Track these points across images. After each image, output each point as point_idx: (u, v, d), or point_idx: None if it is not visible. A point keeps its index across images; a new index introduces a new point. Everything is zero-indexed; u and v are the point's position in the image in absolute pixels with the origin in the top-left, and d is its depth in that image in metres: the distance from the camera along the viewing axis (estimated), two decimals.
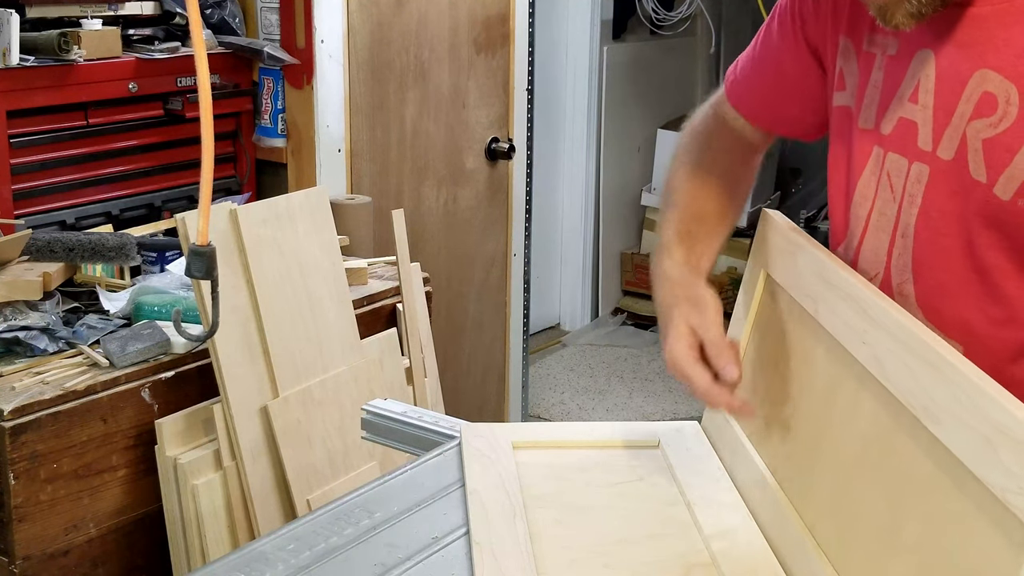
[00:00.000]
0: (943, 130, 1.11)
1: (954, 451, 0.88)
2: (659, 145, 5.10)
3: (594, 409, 4.25)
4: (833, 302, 1.13)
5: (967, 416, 0.87)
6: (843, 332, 1.09)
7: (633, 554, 1.16)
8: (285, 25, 2.70)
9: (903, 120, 1.16)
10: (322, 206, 2.17)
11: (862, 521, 1.01)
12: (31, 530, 1.81)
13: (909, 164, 1.15)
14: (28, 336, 1.93)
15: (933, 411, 0.92)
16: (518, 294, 3.52)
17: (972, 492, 0.86)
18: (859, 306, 1.07)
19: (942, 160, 1.11)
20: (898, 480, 0.97)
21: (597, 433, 1.45)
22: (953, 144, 1.10)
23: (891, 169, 1.18)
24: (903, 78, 1.16)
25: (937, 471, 0.91)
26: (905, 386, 0.96)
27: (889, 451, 0.99)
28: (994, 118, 1.06)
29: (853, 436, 1.06)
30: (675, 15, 4.97)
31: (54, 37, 2.26)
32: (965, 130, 1.09)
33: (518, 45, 3.31)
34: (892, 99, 1.17)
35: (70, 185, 2.40)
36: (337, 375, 2.13)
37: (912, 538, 0.93)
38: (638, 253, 5.16)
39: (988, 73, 1.07)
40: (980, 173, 1.08)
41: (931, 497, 0.91)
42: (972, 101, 1.08)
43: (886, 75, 1.18)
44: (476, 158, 3.27)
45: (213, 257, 1.33)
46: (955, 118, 1.10)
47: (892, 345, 1.00)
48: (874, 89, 1.20)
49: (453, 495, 1.30)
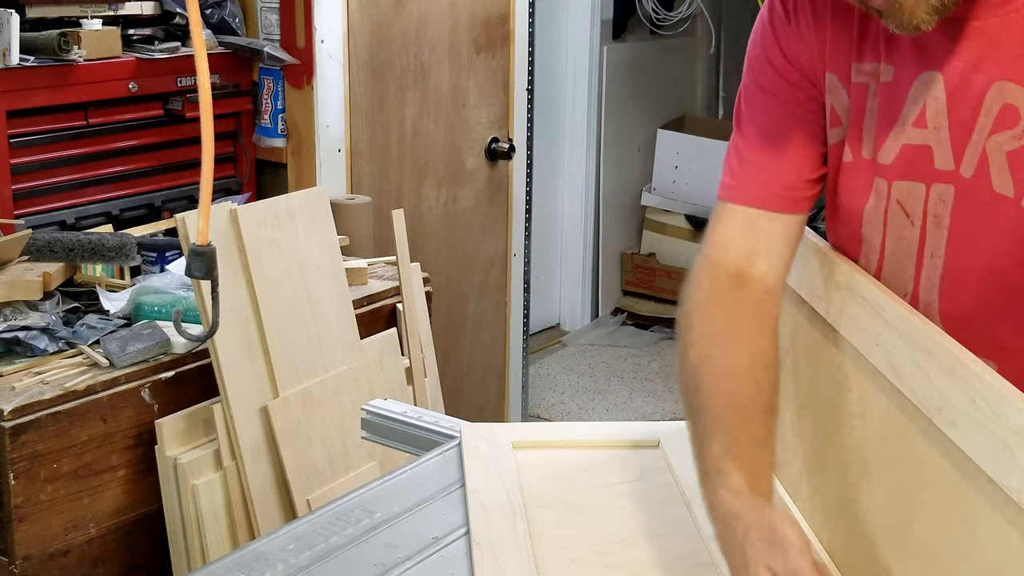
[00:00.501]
0: (964, 148, 1.08)
1: (969, 454, 0.88)
2: (659, 145, 5.11)
3: (594, 409, 4.25)
4: (846, 305, 1.12)
5: (983, 419, 0.87)
6: (856, 334, 1.09)
7: (633, 554, 1.16)
8: (285, 25, 2.70)
9: (908, 147, 1.13)
10: (322, 206, 2.17)
11: (871, 521, 1.01)
12: (31, 530, 1.80)
13: (928, 187, 1.12)
14: (28, 336, 1.93)
15: (948, 413, 0.91)
16: (518, 294, 3.52)
17: (987, 494, 0.86)
18: (873, 309, 1.07)
19: (964, 179, 1.09)
20: (909, 482, 0.97)
21: (597, 433, 1.46)
22: (973, 161, 1.08)
23: (901, 197, 1.15)
24: (903, 104, 1.12)
25: (950, 473, 0.91)
26: (919, 388, 0.96)
27: (901, 453, 0.99)
28: (1017, 130, 1.04)
29: (864, 438, 1.05)
30: (675, 15, 4.97)
31: (54, 37, 2.26)
32: (985, 145, 1.07)
33: (518, 45, 3.31)
34: (892, 127, 1.14)
35: (70, 185, 2.40)
36: (337, 375, 2.13)
37: (922, 539, 0.93)
38: (638, 253, 5.16)
39: (1006, 85, 1.05)
40: (1006, 187, 1.06)
41: (943, 499, 0.91)
42: (992, 115, 1.06)
43: (882, 103, 1.15)
44: (476, 158, 3.27)
45: (213, 257, 1.33)
46: (975, 134, 1.07)
47: (906, 347, 1.00)
48: (871, 119, 1.16)
49: (453, 495, 1.30)
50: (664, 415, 4.16)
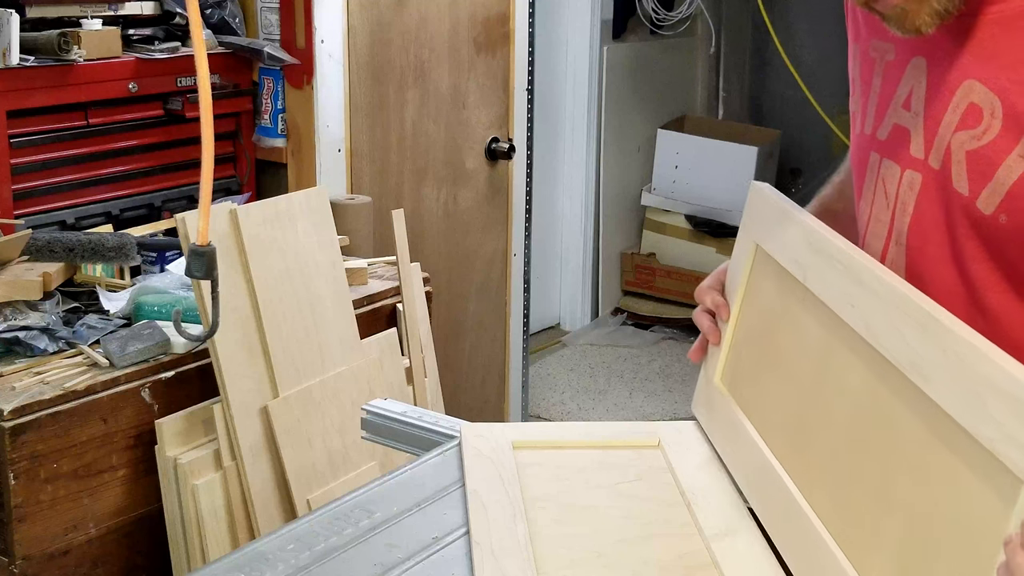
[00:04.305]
0: (933, 139, 1.10)
1: (943, 406, 0.89)
2: (659, 145, 5.11)
3: (594, 409, 4.25)
4: (822, 269, 1.13)
5: (955, 371, 0.88)
6: (832, 298, 1.10)
7: (633, 554, 1.16)
8: (285, 25, 2.70)
9: (897, 127, 1.15)
10: (322, 206, 2.17)
11: (855, 483, 1.02)
12: (31, 530, 1.81)
13: (902, 171, 1.15)
14: (28, 336, 1.93)
15: (922, 368, 0.92)
16: (518, 294, 3.52)
17: (962, 446, 0.87)
18: (847, 271, 1.08)
19: (932, 169, 1.11)
20: (889, 440, 0.98)
21: (597, 433, 1.45)
22: (940, 154, 1.09)
23: (885, 175, 1.18)
24: (899, 84, 1.15)
25: (927, 428, 0.92)
26: (894, 346, 0.97)
27: (880, 413, 1.00)
28: (978, 130, 1.05)
29: (845, 401, 1.06)
30: (675, 15, 4.97)
31: (54, 37, 2.26)
32: (950, 141, 1.08)
33: (518, 45, 3.31)
34: (889, 105, 1.17)
35: (70, 185, 2.40)
36: (337, 375, 2.13)
37: (903, 495, 0.94)
38: (638, 253, 5.16)
39: (974, 84, 1.06)
40: (963, 185, 1.07)
41: (921, 453, 0.92)
42: (958, 112, 1.07)
43: (884, 81, 1.18)
44: (476, 158, 3.27)
45: (213, 257, 1.33)
46: (942, 128, 1.09)
47: (880, 306, 1.00)
48: (874, 94, 1.19)
49: (453, 495, 1.30)
50: (664, 415, 4.16)
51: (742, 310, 1.34)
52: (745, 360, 1.32)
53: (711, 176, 4.94)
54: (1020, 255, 1.06)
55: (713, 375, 1.37)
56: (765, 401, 1.25)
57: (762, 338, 1.28)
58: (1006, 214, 1.04)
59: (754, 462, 1.23)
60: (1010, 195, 1.03)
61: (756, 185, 1.33)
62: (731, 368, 1.35)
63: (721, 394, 1.35)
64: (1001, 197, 1.04)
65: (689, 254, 5.04)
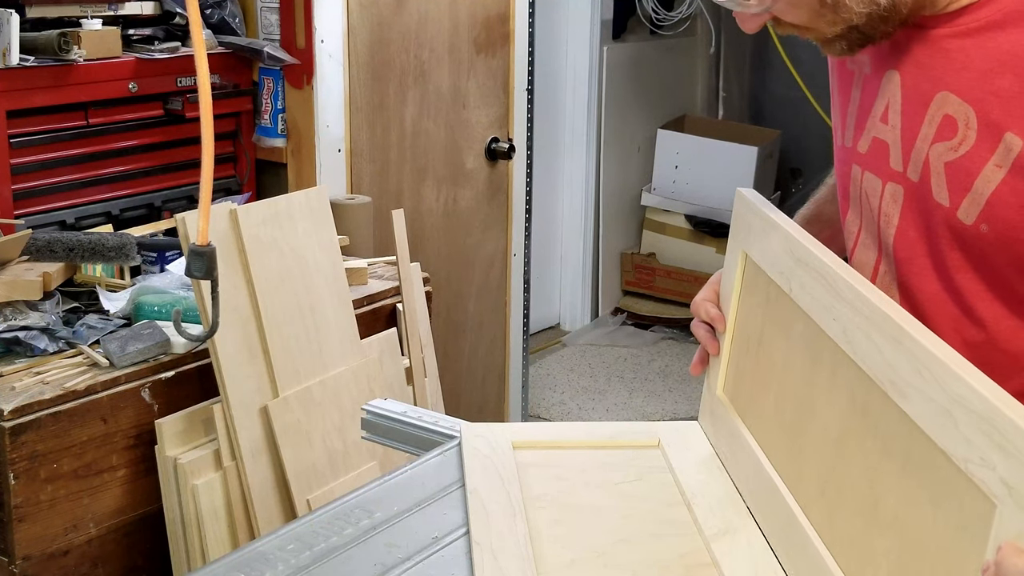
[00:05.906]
0: (910, 152, 1.10)
1: (920, 424, 0.88)
2: (659, 145, 5.11)
3: (594, 409, 4.25)
4: (804, 279, 1.12)
5: (928, 388, 0.87)
6: (815, 309, 1.09)
7: (633, 554, 1.16)
8: (285, 25, 2.70)
9: (876, 140, 1.15)
10: (322, 206, 2.17)
11: (847, 499, 1.02)
12: (31, 530, 1.81)
13: (883, 184, 1.15)
14: (28, 336, 1.93)
15: (899, 385, 0.91)
16: (518, 294, 3.52)
17: (939, 465, 0.85)
18: (826, 282, 1.07)
19: (911, 181, 1.11)
20: (874, 456, 0.97)
21: (597, 433, 1.45)
22: (918, 167, 1.10)
23: (867, 188, 1.18)
24: (876, 97, 1.15)
25: (908, 446, 0.91)
26: (873, 361, 0.96)
27: (865, 428, 0.99)
28: (954, 141, 1.05)
29: (833, 415, 1.06)
30: (675, 15, 4.97)
31: (54, 37, 2.26)
32: (928, 153, 1.08)
33: (518, 45, 3.31)
34: (868, 118, 1.17)
35: (70, 185, 2.40)
36: (337, 375, 2.13)
37: (890, 514, 0.93)
38: (638, 253, 5.16)
39: (948, 96, 1.06)
40: (943, 196, 1.07)
41: (903, 472, 0.91)
42: (934, 124, 1.07)
43: (862, 93, 1.18)
44: (476, 158, 3.27)
45: (213, 257, 1.33)
46: (919, 140, 1.09)
47: (858, 320, 1.00)
48: (853, 107, 1.19)
49: (453, 495, 1.30)
50: (664, 415, 4.16)
51: (737, 320, 1.33)
52: (743, 371, 1.31)
53: (711, 176, 4.95)
54: (1004, 263, 1.06)
55: (715, 386, 1.37)
56: (762, 413, 1.24)
57: (756, 349, 1.27)
58: (987, 223, 1.04)
59: (754, 475, 1.23)
60: (989, 204, 1.04)
61: (741, 192, 1.32)
62: (732, 379, 1.34)
63: (723, 405, 1.35)
64: (980, 207, 1.04)
65: (689, 254, 5.04)
